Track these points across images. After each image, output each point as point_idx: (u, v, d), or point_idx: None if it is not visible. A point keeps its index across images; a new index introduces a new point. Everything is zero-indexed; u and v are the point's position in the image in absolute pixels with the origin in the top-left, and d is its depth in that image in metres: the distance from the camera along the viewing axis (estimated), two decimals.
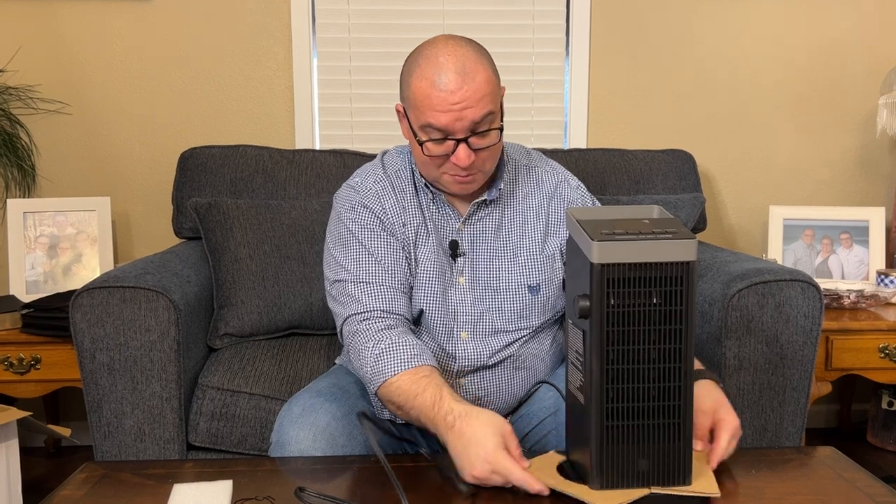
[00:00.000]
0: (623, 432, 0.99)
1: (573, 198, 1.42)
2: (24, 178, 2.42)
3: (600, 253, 0.95)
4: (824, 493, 1.06)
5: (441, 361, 1.34)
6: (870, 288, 2.20)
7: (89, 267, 2.32)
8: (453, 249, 1.35)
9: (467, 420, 1.07)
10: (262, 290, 1.93)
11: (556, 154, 2.24)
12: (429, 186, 1.35)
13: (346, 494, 1.04)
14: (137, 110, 2.46)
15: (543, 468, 1.07)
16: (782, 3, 2.52)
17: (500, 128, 1.27)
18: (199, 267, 1.94)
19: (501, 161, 1.37)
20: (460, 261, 1.36)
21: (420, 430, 1.27)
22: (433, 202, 1.36)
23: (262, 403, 1.68)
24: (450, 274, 1.35)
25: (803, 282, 1.67)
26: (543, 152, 1.97)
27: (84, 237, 2.32)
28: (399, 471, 1.11)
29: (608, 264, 0.96)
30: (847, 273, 2.40)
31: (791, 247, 2.43)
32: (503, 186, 1.37)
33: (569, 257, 1.07)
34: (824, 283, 2.30)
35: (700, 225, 2.26)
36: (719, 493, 1.01)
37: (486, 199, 1.35)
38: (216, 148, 2.24)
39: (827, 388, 2.04)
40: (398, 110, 1.32)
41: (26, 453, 2.33)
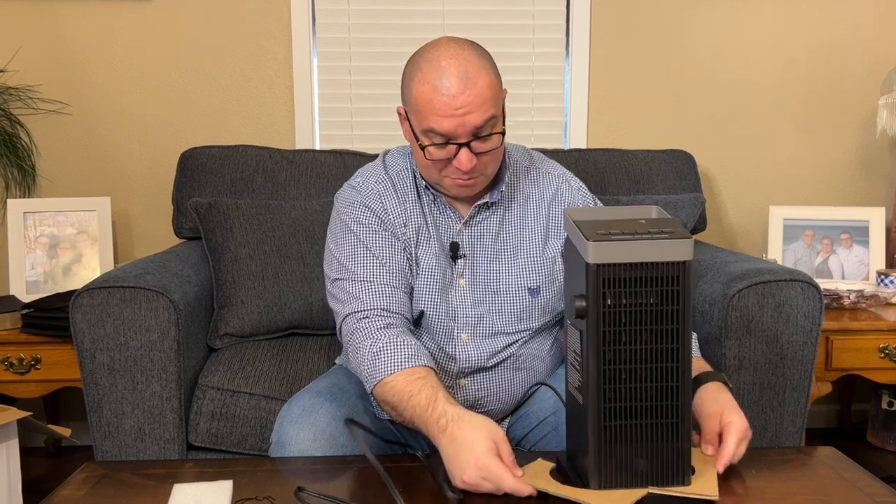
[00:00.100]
0: (621, 432, 0.99)
1: (574, 199, 1.41)
2: (25, 178, 2.42)
3: (596, 253, 0.95)
4: (824, 493, 1.06)
5: (441, 363, 1.34)
6: (870, 288, 2.20)
7: (89, 267, 2.32)
8: (454, 251, 1.35)
9: (459, 424, 1.06)
10: (262, 290, 1.93)
11: (556, 154, 2.24)
12: (430, 188, 1.34)
13: (346, 494, 1.04)
14: (137, 110, 2.46)
15: (538, 474, 1.07)
16: (782, 3, 2.52)
17: (502, 132, 1.26)
18: (200, 267, 1.95)
19: (503, 163, 1.36)
20: (461, 262, 1.35)
21: (413, 434, 1.27)
22: (434, 204, 1.36)
23: (263, 403, 1.68)
24: (450, 275, 1.35)
25: (803, 282, 1.67)
26: (543, 152, 1.97)
27: (84, 237, 2.32)
28: (396, 471, 1.11)
29: (604, 264, 0.96)
30: (847, 273, 2.40)
31: (791, 247, 2.43)
32: (504, 189, 1.36)
33: (566, 258, 1.07)
34: (824, 284, 2.30)
35: (700, 225, 2.26)
36: (717, 496, 1.00)
37: (487, 202, 1.35)
38: (216, 148, 2.24)
39: (827, 388, 2.04)
40: (399, 113, 1.31)
41: (26, 453, 2.33)
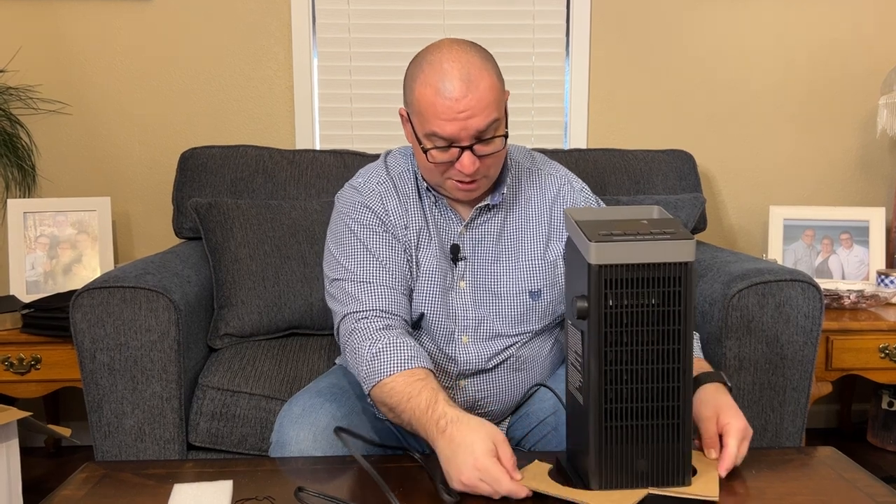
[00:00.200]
0: (622, 433, 0.99)
1: (576, 200, 1.41)
2: (25, 178, 2.42)
3: (598, 254, 0.95)
4: (825, 493, 1.06)
5: (441, 364, 1.33)
6: (870, 288, 2.20)
7: (89, 267, 2.32)
8: (454, 253, 1.34)
9: (458, 425, 1.06)
10: (262, 291, 1.93)
11: (556, 154, 2.24)
12: (431, 190, 1.34)
13: (346, 495, 1.04)
14: (137, 110, 2.46)
15: (536, 475, 1.06)
16: (782, 3, 2.52)
17: (504, 134, 1.25)
18: (200, 267, 1.95)
19: (505, 165, 1.35)
20: (461, 265, 1.35)
21: (412, 435, 1.26)
22: (436, 205, 1.35)
23: (263, 403, 1.68)
24: (451, 278, 1.35)
25: (803, 282, 1.67)
26: (543, 152, 1.97)
27: (84, 237, 2.32)
28: (395, 472, 1.11)
29: (606, 265, 0.96)
30: (847, 273, 2.40)
31: (791, 247, 2.43)
32: (506, 191, 1.35)
33: (568, 258, 1.07)
34: (824, 284, 2.30)
35: (700, 225, 2.26)
36: (717, 497, 1.00)
37: (488, 204, 1.34)
38: (216, 148, 2.24)
39: (827, 389, 2.04)
40: (401, 114, 1.30)
41: (26, 453, 2.33)
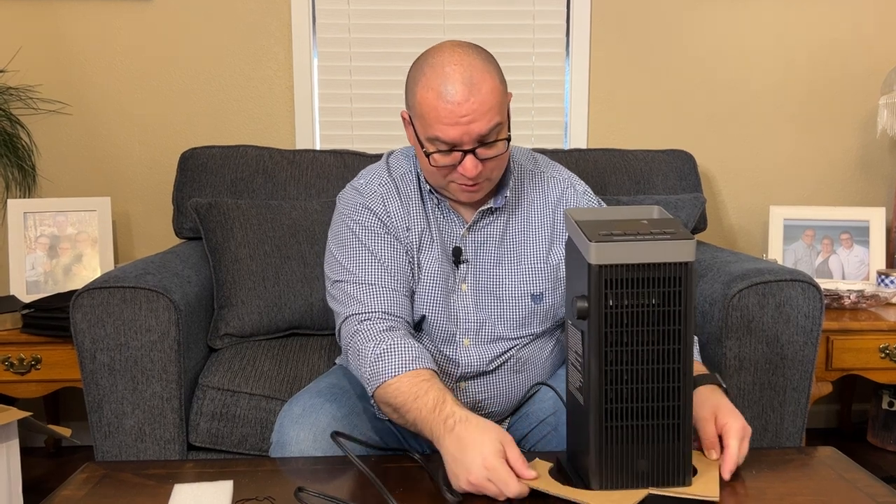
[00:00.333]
0: (622, 433, 0.99)
1: (579, 203, 1.40)
2: (25, 179, 2.42)
3: (598, 254, 0.95)
4: (825, 493, 1.06)
5: (442, 366, 1.33)
6: (870, 288, 2.20)
7: (90, 267, 2.32)
8: (456, 256, 1.34)
9: (467, 425, 1.05)
10: (262, 291, 1.93)
11: (556, 154, 2.24)
12: (433, 192, 1.33)
13: (347, 495, 1.04)
14: (137, 110, 2.46)
15: (540, 476, 1.05)
16: (782, 3, 2.52)
17: (507, 137, 1.25)
18: (200, 267, 1.95)
19: (508, 168, 1.35)
20: (463, 267, 1.34)
21: (413, 435, 1.26)
22: (438, 208, 1.35)
23: (263, 404, 1.68)
24: (452, 280, 1.34)
25: (804, 282, 1.67)
26: (543, 152, 1.97)
27: (84, 237, 2.32)
28: (395, 472, 1.11)
29: (606, 265, 0.96)
30: (847, 273, 2.40)
31: (791, 247, 2.43)
32: (509, 194, 1.35)
33: (568, 258, 1.07)
34: (825, 284, 2.30)
35: (700, 225, 2.26)
36: (717, 497, 1.00)
37: (491, 207, 1.34)
38: (216, 148, 2.24)
39: (827, 389, 2.04)
40: (403, 117, 1.30)
41: (27, 453, 2.33)
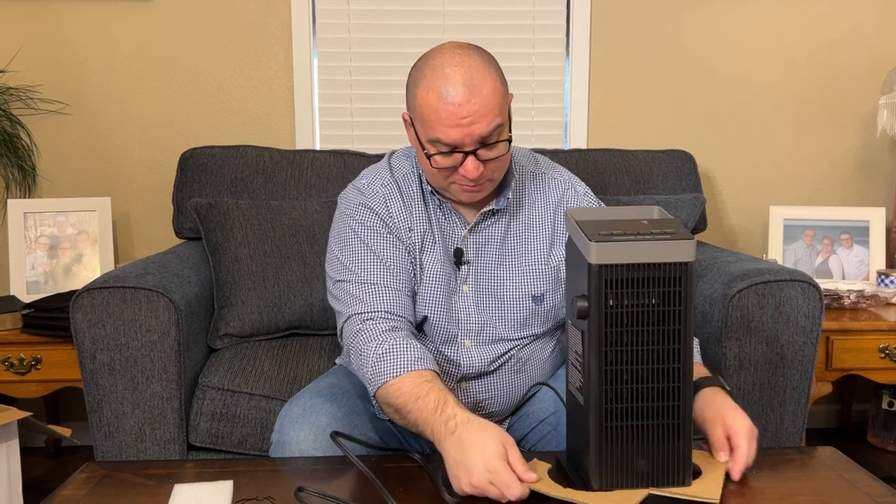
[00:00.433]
0: (622, 433, 0.99)
1: (580, 205, 1.40)
2: (25, 179, 2.42)
3: (598, 254, 0.95)
4: (825, 493, 1.06)
5: (443, 367, 1.33)
6: (870, 288, 2.20)
7: (90, 267, 2.32)
8: (457, 257, 1.34)
9: (468, 427, 1.04)
10: (262, 291, 1.93)
11: (556, 154, 2.24)
12: (435, 193, 1.33)
13: (347, 495, 1.04)
14: (137, 110, 2.46)
15: (540, 478, 1.05)
16: (782, 3, 2.52)
17: (508, 138, 1.24)
18: (200, 267, 1.95)
19: (509, 169, 1.35)
20: (464, 269, 1.34)
21: (413, 435, 1.26)
22: (440, 209, 1.35)
23: (263, 404, 1.68)
24: (454, 281, 1.34)
25: (803, 282, 1.67)
26: (543, 153, 1.97)
27: (84, 237, 2.32)
28: (395, 472, 1.11)
29: (606, 265, 0.96)
30: (847, 273, 2.40)
31: (791, 247, 2.43)
32: (511, 195, 1.35)
33: (568, 258, 1.07)
34: (824, 284, 2.30)
35: (700, 225, 2.26)
36: (717, 499, 0.99)
37: (493, 209, 1.34)
38: (216, 148, 2.24)
39: (827, 389, 2.04)
40: (405, 119, 1.30)
41: (27, 453, 2.33)
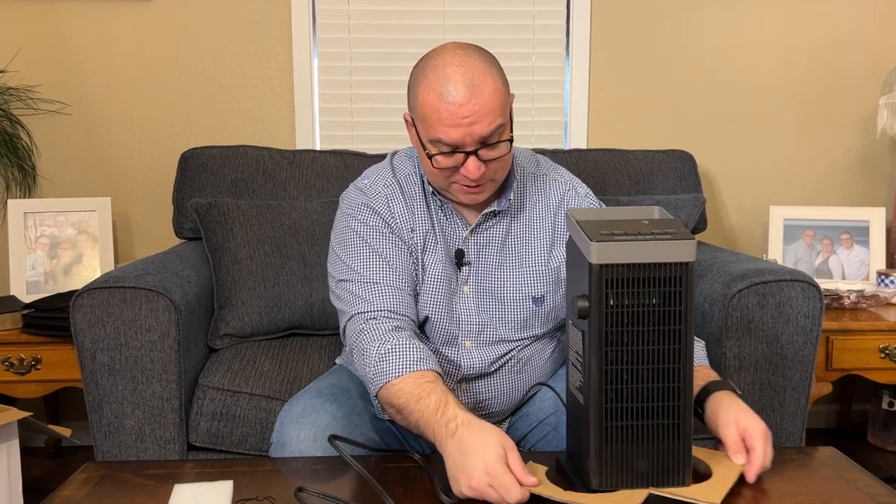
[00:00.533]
0: (622, 433, 0.99)
1: (581, 206, 1.40)
2: (25, 179, 2.42)
3: (599, 253, 0.95)
4: (825, 493, 1.06)
5: (443, 368, 1.33)
6: (870, 288, 2.20)
7: (90, 267, 2.32)
8: (458, 258, 1.34)
9: (469, 429, 1.04)
10: (262, 291, 1.93)
11: (556, 154, 2.24)
12: (437, 194, 1.33)
13: (347, 495, 1.04)
14: (137, 110, 2.46)
15: (541, 482, 1.05)
16: (782, 3, 2.52)
17: (510, 139, 1.24)
18: (200, 267, 1.95)
19: (511, 170, 1.35)
20: (465, 269, 1.34)
21: (413, 435, 1.26)
22: (441, 209, 1.35)
23: (263, 404, 1.68)
24: (454, 282, 1.34)
25: (803, 282, 1.67)
26: (543, 152, 1.97)
27: (84, 237, 2.32)
28: (395, 472, 1.11)
29: (607, 265, 0.96)
30: (847, 273, 2.40)
31: (791, 247, 2.43)
32: (512, 197, 1.34)
33: (569, 258, 1.07)
34: (825, 284, 2.30)
35: (700, 225, 2.26)
36: (717, 503, 0.99)
37: (494, 210, 1.34)
38: (216, 148, 2.24)
39: (827, 389, 2.04)
40: (406, 119, 1.30)
41: (27, 453, 2.33)
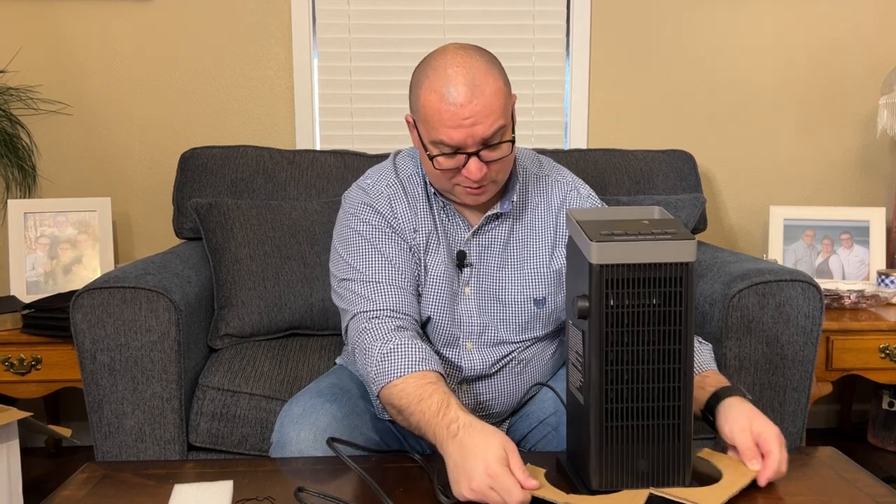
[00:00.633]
0: (622, 433, 0.99)
1: (583, 207, 1.39)
2: (25, 179, 2.42)
3: (599, 254, 0.95)
4: (825, 493, 1.06)
5: (444, 369, 1.32)
6: (870, 288, 2.20)
7: (90, 267, 2.32)
8: (460, 259, 1.33)
9: (470, 431, 1.03)
10: (262, 291, 1.93)
11: (556, 154, 2.24)
12: (439, 195, 1.33)
13: (347, 495, 1.04)
14: (137, 110, 2.46)
15: (542, 485, 1.04)
16: (782, 3, 2.52)
17: (511, 139, 1.24)
18: (200, 267, 1.95)
19: (513, 171, 1.34)
20: (466, 271, 1.34)
21: (413, 436, 1.26)
22: (444, 210, 1.35)
23: (263, 404, 1.68)
24: (456, 284, 1.34)
25: (804, 282, 1.67)
26: (543, 152, 1.97)
27: (85, 237, 2.32)
28: (395, 472, 1.12)
29: (607, 265, 0.96)
30: (847, 273, 2.40)
31: (791, 247, 2.43)
32: (515, 198, 1.34)
33: (569, 258, 1.07)
34: (825, 284, 2.30)
35: (700, 225, 2.26)
36: None
37: (497, 213, 1.33)
38: (217, 148, 2.24)
39: (827, 389, 2.04)
40: (408, 121, 1.29)
41: (27, 454, 2.33)
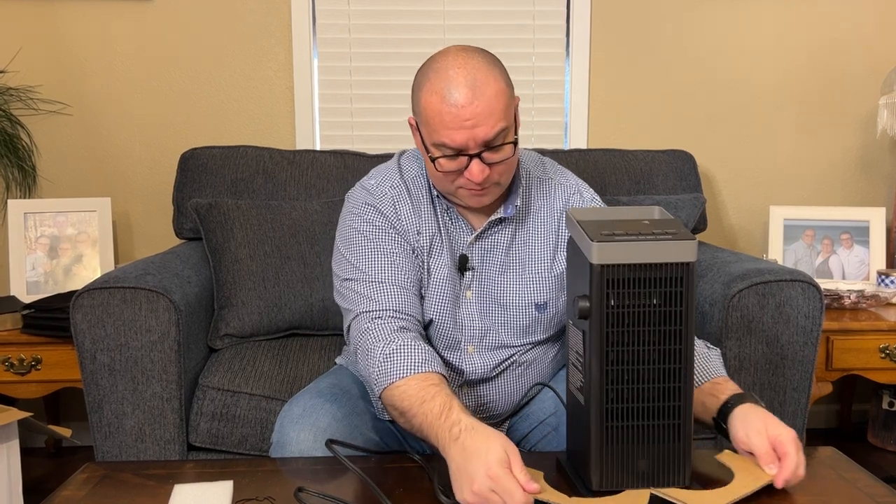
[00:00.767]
0: (623, 433, 0.99)
1: None
2: (25, 179, 2.42)
3: (600, 254, 0.95)
4: (825, 493, 1.06)
5: (446, 371, 1.33)
6: (870, 288, 2.20)
7: (90, 267, 2.32)
8: (462, 263, 1.33)
9: (472, 434, 1.02)
10: (262, 291, 1.93)
11: (556, 154, 2.24)
12: (442, 198, 1.33)
13: (347, 495, 1.04)
14: (137, 110, 2.46)
15: (543, 489, 1.03)
16: (782, 3, 2.52)
17: (514, 141, 1.23)
18: (200, 267, 1.95)
19: (517, 175, 1.34)
20: (468, 275, 1.34)
21: (406, 439, 1.26)
22: (447, 213, 1.34)
23: (263, 404, 1.68)
24: (458, 287, 1.34)
25: (804, 282, 1.67)
26: (543, 152, 1.97)
27: (84, 238, 2.32)
28: (396, 472, 1.12)
29: (608, 265, 0.96)
30: (847, 273, 2.40)
31: (791, 247, 2.43)
32: (519, 202, 1.33)
33: (569, 258, 1.07)
34: (825, 284, 2.30)
35: (700, 225, 2.26)
36: None
37: (501, 217, 1.33)
38: (217, 148, 2.24)
39: (827, 389, 2.04)
40: (410, 123, 1.29)
41: (27, 454, 2.33)
